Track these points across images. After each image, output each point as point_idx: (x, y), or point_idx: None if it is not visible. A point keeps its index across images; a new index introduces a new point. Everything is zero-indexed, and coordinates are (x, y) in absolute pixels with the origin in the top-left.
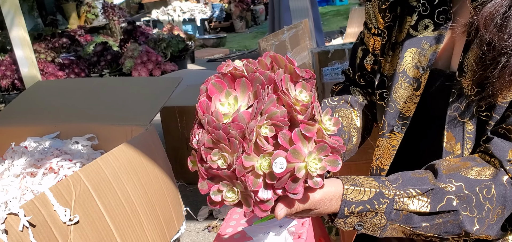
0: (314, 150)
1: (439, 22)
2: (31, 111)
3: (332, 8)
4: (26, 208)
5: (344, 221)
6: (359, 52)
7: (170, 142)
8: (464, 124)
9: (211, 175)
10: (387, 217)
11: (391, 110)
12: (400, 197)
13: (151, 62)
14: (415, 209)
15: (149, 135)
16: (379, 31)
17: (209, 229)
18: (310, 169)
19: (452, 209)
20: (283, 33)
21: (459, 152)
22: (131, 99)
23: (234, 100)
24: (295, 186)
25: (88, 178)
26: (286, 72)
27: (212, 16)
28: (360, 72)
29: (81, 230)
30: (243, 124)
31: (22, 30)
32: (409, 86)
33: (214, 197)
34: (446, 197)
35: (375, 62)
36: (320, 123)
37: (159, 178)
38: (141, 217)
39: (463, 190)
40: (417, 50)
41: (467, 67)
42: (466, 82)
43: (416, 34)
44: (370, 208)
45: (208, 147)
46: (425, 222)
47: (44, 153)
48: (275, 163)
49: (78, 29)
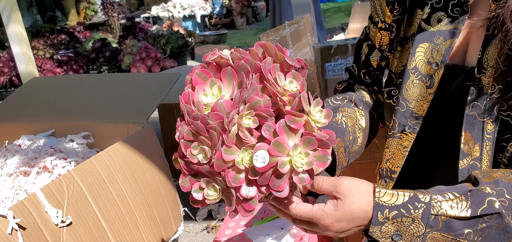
0: (300, 143)
1: (453, 15)
2: (26, 108)
3: (334, 4)
4: (16, 209)
5: (380, 229)
6: (365, 48)
7: (168, 140)
8: (483, 123)
9: (193, 171)
10: (425, 224)
11: (402, 109)
12: (437, 201)
13: (150, 59)
14: (454, 214)
15: (146, 133)
16: (387, 25)
17: (208, 229)
18: (295, 164)
19: (495, 211)
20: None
21: (477, 154)
22: (128, 96)
23: (218, 90)
24: (279, 182)
25: (82, 178)
26: (277, 61)
27: (213, 13)
28: (366, 69)
29: (74, 232)
30: (223, 114)
31: (19, 26)
32: (421, 83)
33: (196, 195)
34: (487, 199)
35: (382, 58)
36: (308, 114)
37: (156, 177)
38: (137, 218)
39: (505, 195)
40: (430, 45)
41: (487, 63)
42: (486, 79)
43: (429, 28)
44: (405, 213)
45: (187, 139)
46: (468, 228)
47: (38, 151)
48: (256, 156)
49: (77, 25)
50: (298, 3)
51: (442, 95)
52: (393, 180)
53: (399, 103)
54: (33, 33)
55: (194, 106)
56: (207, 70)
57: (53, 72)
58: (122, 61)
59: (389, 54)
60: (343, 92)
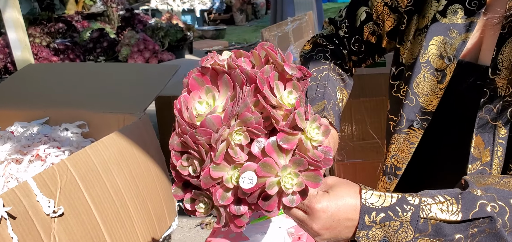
0: (289, 164)
1: (471, 8)
2: (20, 94)
3: (334, 4)
4: (6, 197)
5: (367, 234)
6: (361, 13)
7: (164, 133)
8: (495, 127)
9: (184, 181)
10: (414, 228)
11: (411, 104)
12: (426, 203)
13: (148, 51)
14: (445, 218)
15: (142, 124)
16: (394, 6)
17: (202, 225)
18: (284, 185)
19: (487, 215)
20: (286, 24)
21: (488, 158)
22: (125, 86)
23: (212, 99)
24: (269, 203)
25: (76, 168)
26: (278, 68)
27: (212, 8)
28: (357, 37)
29: (66, 223)
30: (213, 129)
31: (16, 12)
32: (432, 78)
33: (187, 205)
34: (479, 202)
35: (373, 32)
36: (303, 132)
37: (151, 170)
38: (131, 211)
39: (495, 200)
40: (444, 38)
41: (502, 64)
42: (501, 81)
43: (444, 20)
44: (393, 216)
45: (177, 150)
46: (459, 233)
47: (31, 139)
48: (242, 178)
49: (75, 14)
50: (301, 1)
51: (453, 93)
52: (397, 177)
53: (408, 98)
54: (30, 21)
55: (187, 114)
56: (204, 75)
57: (49, 60)
58: (120, 52)
59: (399, 46)
60: (336, 59)
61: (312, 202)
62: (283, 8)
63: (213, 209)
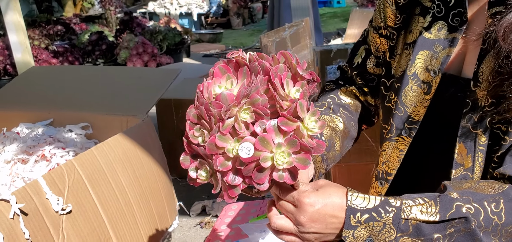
0: (284, 143)
1: (453, 24)
2: (25, 96)
3: (330, 9)
4: (18, 195)
5: (353, 234)
6: (362, 51)
7: (164, 135)
8: (476, 135)
9: (193, 152)
10: (396, 228)
11: (400, 114)
12: (407, 205)
13: (146, 54)
14: (424, 219)
15: (146, 127)
16: (389, 33)
17: (201, 225)
18: (276, 161)
19: (462, 215)
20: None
21: (470, 164)
22: (128, 89)
23: (230, 84)
24: (261, 176)
25: (82, 167)
26: (291, 70)
27: (209, 12)
28: (359, 71)
29: (73, 220)
30: (225, 104)
31: (17, 15)
32: (419, 89)
33: (191, 173)
34: (455, 204)
35: (377, 64)
36: (302, 121)
37: (154, 170)
38: (135, 210)
39: (471, 203)
40: (430, 53)
41: (482, 77)
42: (481, 93)
43: (429, 36)
44: (376, 216)
45: (193, 121)
46: (437, 232)
47: (37, 140)
48: (241, 147)
49: (73, 17)
50: (297, 6)
51: (437, 103)
52: (388, 182)
53: (397, 108)
54: (28, 23)
55: (206, 93)
56: (227, 66)
57: (48, 62)
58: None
59: (390, 60)
60: (325, 96)
61: (302, 196)
62: (280, 13)
63: (212, 178)
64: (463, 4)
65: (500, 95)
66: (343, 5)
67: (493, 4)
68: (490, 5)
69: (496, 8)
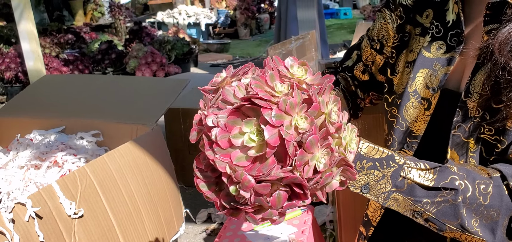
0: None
1: (451, 44)
2: (38, 104)
3: (336, 21)
4: (33, 198)
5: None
6: (354, 56)
7: (172, 143)
8: (468, 144)
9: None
10: (392, 183)
11: (402, 128)
12: (409, 166)
13: (155, 64)
14: (419, 182)
15: (155, 135)
16: (383, 51)
17: (207, 232)
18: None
19: (453, 187)
20: (290, 42)
21: None
22: (137, 98)
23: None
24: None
25: (94, 173)
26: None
27: (217, 22)
28: (346, 74)
29: (85, 224)
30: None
31: (31, 24)
32: (420, 105)
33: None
34: (450, 176)
35: (364, 71)
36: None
37: (162, 178)
38: (143, 216)
39: (464, 179)
40: (429, 71)
41: (473, 89)
42: (472, 104)
43: (429, 55)
44: (378, 166)
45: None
46: (427, 197)
47: (49, 146)
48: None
49: (83, 26)
50: (304, 19)
51: (436, 117)
52: None
53: (398, 123)
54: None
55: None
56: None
57: (59, 70)
58: (128, 64)
59: (392, 77)
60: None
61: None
62: (287, 25)
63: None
64: (460, 25)
65: (490, 107)
66: (350, 17)
67: (489, 22)
68: (485, 23)
69: (491, 25)
